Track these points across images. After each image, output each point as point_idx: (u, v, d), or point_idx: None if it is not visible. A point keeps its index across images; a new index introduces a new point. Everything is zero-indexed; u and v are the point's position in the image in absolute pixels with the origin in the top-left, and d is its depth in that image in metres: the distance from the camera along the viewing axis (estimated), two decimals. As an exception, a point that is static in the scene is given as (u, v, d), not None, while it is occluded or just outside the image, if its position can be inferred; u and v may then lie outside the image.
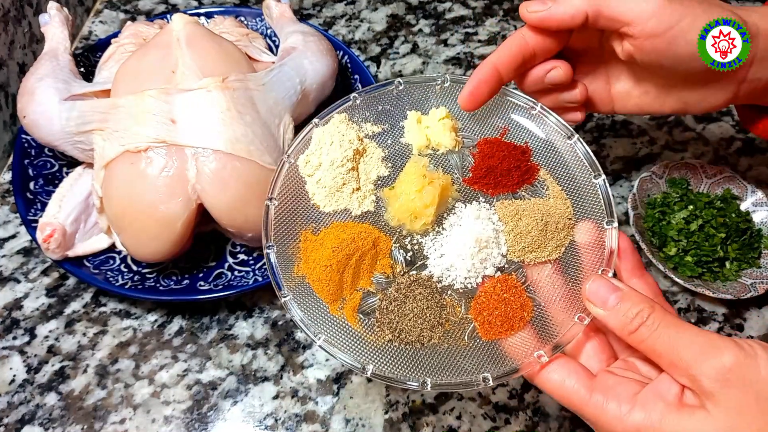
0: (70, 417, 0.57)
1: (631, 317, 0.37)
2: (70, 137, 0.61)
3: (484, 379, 0.41)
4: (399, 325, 0.44)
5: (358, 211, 0.48)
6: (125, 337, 0.62)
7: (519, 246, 0.46)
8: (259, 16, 0.79)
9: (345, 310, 0.45)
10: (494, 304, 0.44)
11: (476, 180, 0.49)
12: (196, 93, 0.58)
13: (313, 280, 0.45)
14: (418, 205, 0.47)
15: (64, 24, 0.68)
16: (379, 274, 0.46)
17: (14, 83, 0.75)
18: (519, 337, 0.43)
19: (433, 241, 0.47)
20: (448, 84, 0.52)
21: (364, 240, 0.46)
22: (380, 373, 0.41)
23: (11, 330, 0.62)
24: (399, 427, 0.58)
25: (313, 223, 0.48)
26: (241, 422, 0.58)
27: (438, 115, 0.51)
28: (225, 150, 0.57)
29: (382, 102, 0.52)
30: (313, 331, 0.43)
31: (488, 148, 0.50)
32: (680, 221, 0.66)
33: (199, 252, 0.65)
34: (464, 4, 0.96)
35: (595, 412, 0.37)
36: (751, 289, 0.63)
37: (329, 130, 0.49)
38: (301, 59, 0.66)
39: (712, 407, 0.34)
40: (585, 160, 0.48)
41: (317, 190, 0.48)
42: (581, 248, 0.45)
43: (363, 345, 0.43)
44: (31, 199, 0.65)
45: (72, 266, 0.61)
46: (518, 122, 0.51)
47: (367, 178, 0.50)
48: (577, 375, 0.39)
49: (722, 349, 0.35)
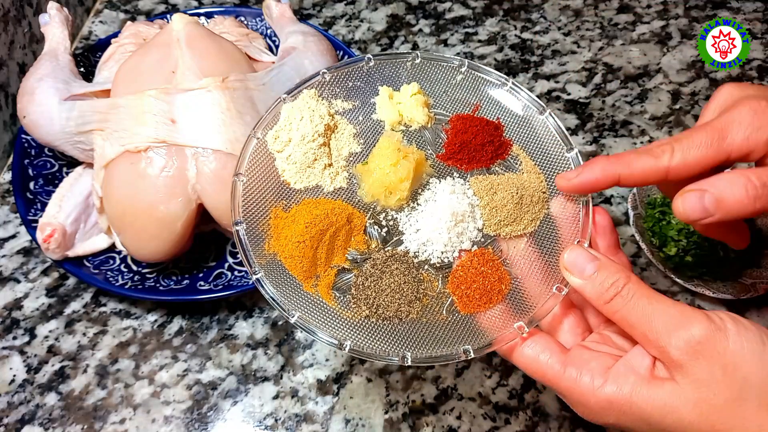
0: (70, 417, 0.57)
1: (607, 287, 0.37)
2: (70, 137, 0.61)
3: (465, 352, 0.40)
4: (376, 300, 0.43)
5: (330, 188, 0.47)
6: (125, 337, 0.62)
7: (495, 220, 0.46)
8: (259, 16, 0.79)
9: (319, 287, 0.44)
10: (472, 278, 0.44)
11: (450, 155, 0.49)
12: (196, 93, 0.58)
13: (285, 257, 0.43)
14: (393, 180, 0.46)
15: (64, 24, 0.68)
16: (354, 250, 0.46)
17: (14, 83, 0.75)
18: (496, 310, 0.43)
19: (408, 216, 0.47)
20: (419, 61, 0.51)
21: (338, 215, 0.45)
22: (359, 349, 0.40)
23: (11, 330, 0.62)
24: (399, 427, 0.58)
25: (284, 200, 0.46)
26: (241, 422, 0.58)
27: (410, 91, 0.51)
28: (225, 150, 0.57)
29: (353, 78, 0.51)
30: (286, 309, 0.41)
31: (461, 124, 0.50)
32: (680, 221, 0.66)
33: (199, 252, 0.65)
34: (464, 4, 0.96)
35: (568, 386, 0.38)
36: (751, 289, 0.63)
37: (298, 105, 0.48)
38: (301, 59, 0.66)
39: (680, 378, 0.35)
40: (557, 135, 0.48)
41: (287, 166, 0.47)
42: (557, 220, 0.46)
43: (340, 322, 0.42)
44: (31, 199, 0.65)
45: (72, 266, 0.61)
46: (490, 98, 0.51)
47: (339, 155, 0.49)
48: (551, 350, 0.39)
49: (692, 321, 0.35)
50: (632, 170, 0.40)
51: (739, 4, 0.97)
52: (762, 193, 0.37)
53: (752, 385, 0.34)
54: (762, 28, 0.94)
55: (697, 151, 0.39)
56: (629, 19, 0.95)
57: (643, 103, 0.84)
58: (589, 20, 0.94)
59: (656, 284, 0.68)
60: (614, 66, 0.88)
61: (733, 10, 0.96)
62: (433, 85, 0.52)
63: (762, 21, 0.95)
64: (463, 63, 0.51)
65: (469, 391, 0.60)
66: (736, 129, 0.39)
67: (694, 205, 0.38)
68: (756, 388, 0.34)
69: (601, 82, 0.86)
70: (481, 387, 0.60)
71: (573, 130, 0.81)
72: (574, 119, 0.82)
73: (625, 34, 0.93)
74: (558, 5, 0.96)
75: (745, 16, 0.96)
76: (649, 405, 0.35)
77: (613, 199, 0.74)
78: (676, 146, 0.40)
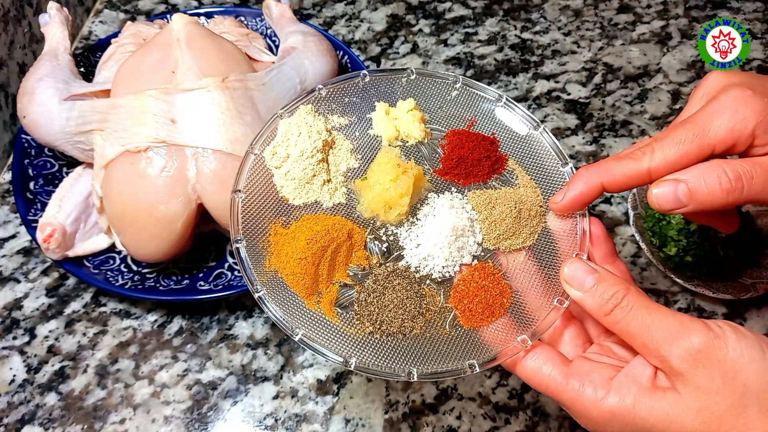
0: (70, 417, 0.57)
1: (607, 299, 0.37)
2: (70, 137, 0.61)
3: (470, 366, 0.40)
4: (379, 316, 0.43)
5: (329, 204, 0.47)
6: (125, 337, 0.62)
7: (494, 234, 0.46)
8: (259, 16, 0.79)
9: (322, 304, 0.43)
10: (474, 292, 0.44)
11: (447, 171, 0.49)
12: (196, 93, 0.58)
13: (286, 274, 0.43)
14: (392, 195, 0.46)
15: (64, 24, 0.68)
16: (355, 266, 0.46)
17: (14, 83, 0.75)
18: (499, 324, 0.43)
19: (408, 231, 0.47)
20: (414, 77, 0.52)
21: (339, 231, 0.45)
22: (364, 366, 0.40)
23: (11, 330, 0.62)
24: (399, 427, 0.58)
25: (283, 216, 0.46)
26: (241, 422, 0.58)
27: (406, 107, 0.51)
28: (225, 150, 0.57)
29: (348, 94, 0.52)
30: (290, 327, 0.41)
31: (457, 139, 0.50)
32: (680, 221, 0.66)
33: (199, 252, 0.65)
34: (464, 4, 0.96)
35: (571, 398, 0.38)
36: (751, 289, 0.63)
37: (296, 121, 0.48)
38: (301, 59, 0.66)
39: (682, 388, 0.35)
40: (552, 150, 0.49)
41: (286, 182, 0.47)
42: (555, 234, 0.46)
43: (343, 339, 0.42)
44: (31, 199, 0.65)
45: (72, 266, 0.61)
46: (485, 114, 0.51)
47: (337, 170, 0.49)
48: (553, 362, 0.39)
49: (692, 330, 0.35)
50: (614, 177, 0.40)
51: (739, 4, 0.97)
52: (735, 186, 0.37)
53: (753, 391, 0.34)
54: (762, 28, 0.94)
55: (679, 148, 0.38)
56: (629, 19, 0.95)
57: (643, 103, 0.84)
58: (589, 20, 0.94)
59: (656, 284, 0.68)
60: (614, 66, 0.88)
61: (733, 10, 0.96)
62: (429, 100, 0.52)
63: (762, 21, 0.95)
64: (457, 79, 0.52)
65: (469, 391, 0.60)
66: (719, 121, 0.38)
67: (667, 195, 0.38)
68: (756, 395, 0.34)
69: (601, 82, 0.86)
70: (481, 387, 0.60)
71: (573, 130, 0.81)
72: (574, 119, 0.82)
73: (625, 34, 0.93)
74: (558, 5, 0.96)
75: (745, 16, 0.96)
76: (651, 415, 0.35)
77: (613, 199, 0.74)
78: (656, 146, 0.39)
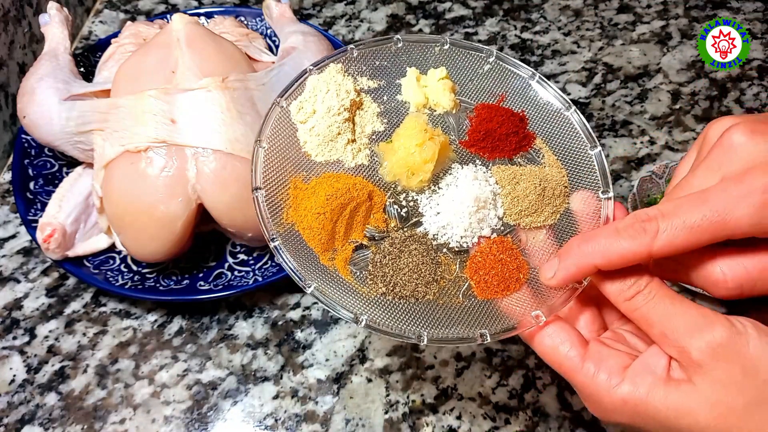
0: (70, 417, 0.57)
1: (630, 284, 0.37)
2: (70, 137, 0.61)
3: (482, 335, 0.40)
4: (393, 279, 0.43)
5: (351, 164, 0.47)
6: (125, 337, 0.62)
7: (516, 209, 0.46)
8: (259, 16, 0.80)
9: (336, 261, 0.43)
10: (491, 264, 0.44)
11: (473, 143, 0.49)
12: (196, 93, 0.58)
13: (303, 228, 0.43)
14: (417, 160, 0.46)
15: (64, 24, 0.68)
16: (372, 227, 0.45)
17: (14, 83, 0.75)
18: (516, 297, 0.43)
19: (429, 199, 0.46)
20: (447, 47, 0.51)
21: (359, 191, 0.44)
22: (375, 324, 0.40)
23: (11, 330, 0.62)
24: (399, 427, 0.58)
25: (304, 172, 0.45)
26: (241, 422, 0.58)
27: (437, 75, 0.50)
28: (225, 150, 0.57)
29: (380, 58, 0.51)
30: (304, 279, 0.40)
31: (486, 113, 0.49)
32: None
33: (199, 252, 0.65)
34: (464, 4, 0.96)
35: (584, 381, 0.37)
36: (751, 289, 0.63)
37: (325, 78, 0.48)
38: (301, 59, 0.66)
39: (698, 380, 0.34)
40: (581, 132, 0.48)
41: (310, 138, 0.47)
42: (577, 216, 0.45)
43: (355, 297, 0.42)
44: (31, 199, 0.65)
45: (72, 266, 0.61)
46: (516, 90, 0.51)
47: (362, 132, 0.48)
48: (572, 342, 0.39)
49: (715, 324, 0.35)
50: (609, 259, 0.36)
51: (739, 4, 0.97)
52: None
53: None
54: (762, 28, 0.94)
55: (689, 234, 0.34)
56: (629, 19, 0.95)
57: (643, 103, 0.84)
58: (589, 20, 0.94)
59: (656, 284, 0.68)
60: (614, 66, 0.88)
61: (733, 10, 0.96)
62: (460, 72, 0.52)
63: (762, 21, 0.95)
64: (491, 53, 0.51)
65: (469, 391, 0.60)
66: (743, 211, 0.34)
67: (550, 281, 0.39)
68: None
69: (601, 82, 0.86)
70: (481, 387, 0.60)
71: (573, 130, 0.81)
72: (574, 119, 0.82)
73: (625, 34, 0.93)
74: (558, 5, 0.96)
75: (745, 16, 0.96)
76: (664, 406, 0.35)
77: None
78: (662, 224, 0.35)
